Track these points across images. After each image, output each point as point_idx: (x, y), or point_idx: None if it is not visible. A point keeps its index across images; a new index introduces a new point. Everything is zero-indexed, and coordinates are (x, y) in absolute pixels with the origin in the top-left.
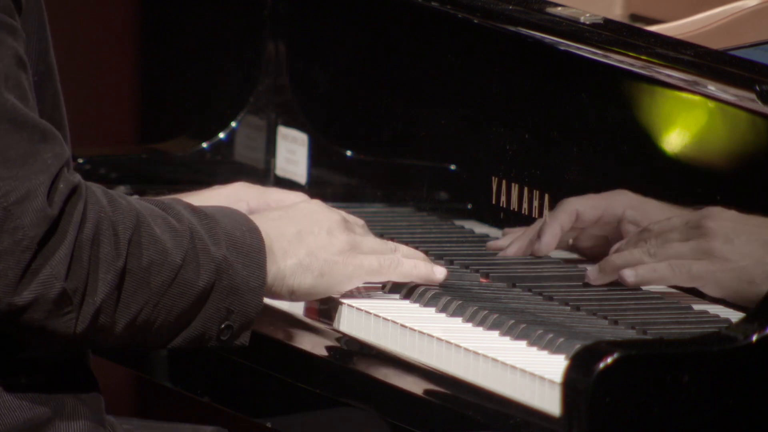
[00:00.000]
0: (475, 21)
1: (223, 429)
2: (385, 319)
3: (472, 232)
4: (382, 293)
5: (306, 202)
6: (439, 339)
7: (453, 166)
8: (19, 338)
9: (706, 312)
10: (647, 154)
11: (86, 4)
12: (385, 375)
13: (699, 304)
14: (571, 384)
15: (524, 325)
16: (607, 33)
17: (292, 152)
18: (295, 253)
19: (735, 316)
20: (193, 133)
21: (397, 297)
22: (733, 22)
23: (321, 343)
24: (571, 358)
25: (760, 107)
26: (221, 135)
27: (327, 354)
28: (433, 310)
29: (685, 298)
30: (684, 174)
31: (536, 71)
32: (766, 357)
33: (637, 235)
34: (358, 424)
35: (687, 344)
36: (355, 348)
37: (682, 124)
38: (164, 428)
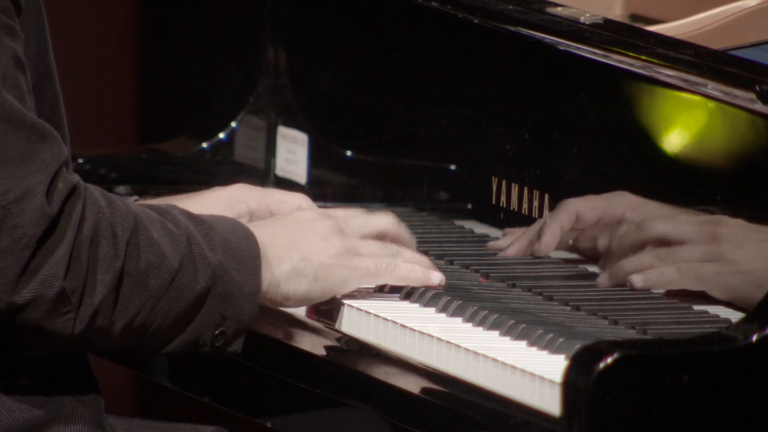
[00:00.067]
0: (475, 21)
1: (223, 429)
2: (385, 319)
3: (472, 232)
4: (382, 293)
5: (300, 211)
6: (439, 339)
7: (453, 166)
8: (18, 338)
9: (706, 312)
10: (647, 154)
11: (86, 4)
12: (385, 375)
13: (699, 304)
14: (571, 384)
15: (524, 325)
16: (607, 33)
17: (292, 152)
18: (289, 259)
19: (735, 316)
20: (193, 133)
21: (397, 297)
22: (733, 22)
23: (321, 343)
24: (571, 358)
25: (760, 107)
26: (221, 135)
27: (327, 354)
28: (433, 310)
29: (685, 298)
30: (684, 174)
31: (536, 71)
32: (766, 357)
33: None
34: (358, 424)
35: (687, 344)
36: (355, 348)
37: (682, 125)
38: (164, 428)
